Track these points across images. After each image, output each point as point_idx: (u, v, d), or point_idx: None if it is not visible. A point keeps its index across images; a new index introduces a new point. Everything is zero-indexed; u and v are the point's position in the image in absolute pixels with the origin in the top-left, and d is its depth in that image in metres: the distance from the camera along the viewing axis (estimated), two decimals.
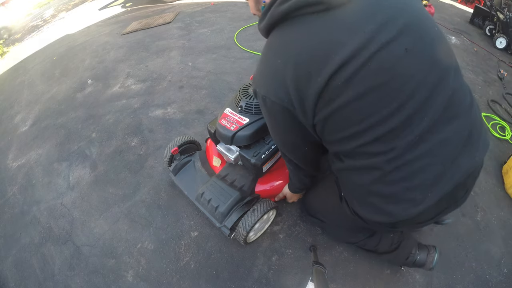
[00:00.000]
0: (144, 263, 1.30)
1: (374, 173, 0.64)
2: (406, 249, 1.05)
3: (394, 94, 0.56)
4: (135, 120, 2.11)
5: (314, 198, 1.15)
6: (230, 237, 1.16)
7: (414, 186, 0.62)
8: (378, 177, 0.64)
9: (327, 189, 1.05)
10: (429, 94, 0.57)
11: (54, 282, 1.30)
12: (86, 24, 4.57)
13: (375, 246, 1.07)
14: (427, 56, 0.57)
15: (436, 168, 0.61)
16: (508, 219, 1.37)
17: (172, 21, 3.78)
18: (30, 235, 1.52)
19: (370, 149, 0.62)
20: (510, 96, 2.13)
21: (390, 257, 1.09)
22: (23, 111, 2.58)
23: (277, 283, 1.18)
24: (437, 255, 1.05)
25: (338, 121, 0.61)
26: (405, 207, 0.65)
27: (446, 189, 0.63)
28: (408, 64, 0.55)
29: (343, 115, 0.59)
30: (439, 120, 0.59)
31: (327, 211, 1.07)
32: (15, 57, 4.10)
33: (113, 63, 3.00)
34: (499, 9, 2.74)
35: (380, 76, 0.54)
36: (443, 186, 0.62)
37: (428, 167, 0.61)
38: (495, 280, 1.17)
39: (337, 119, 0.61)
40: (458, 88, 0.62)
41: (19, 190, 1.79)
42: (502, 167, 1.58)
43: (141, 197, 1.57)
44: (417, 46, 0.56)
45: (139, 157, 1.80)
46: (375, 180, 0.65)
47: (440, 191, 0.63)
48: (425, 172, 0.61)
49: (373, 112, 0.57)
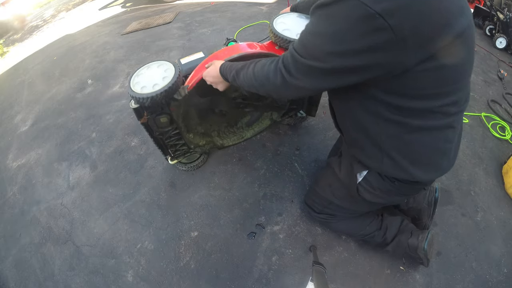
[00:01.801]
0: (144, 263, 1.30)
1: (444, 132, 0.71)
2: (406, 230, 1.13)
3: (469, 70, 0.68)
4: (135, 120, 2.06)
5: (325, 188, 1.12)
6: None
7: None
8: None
9: (334, 175, 1.05)
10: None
11: (54, 282, 1.30)
12: (86, 24, 4.57)
13: (383, 236, 1.12)
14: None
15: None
16: (508, 219, 1.37)
17: (172, 21, 3.77)
18: (30, 235, 1.52)
19: (448, 110, 0.67)
20: (510, 96, 2.13)
21: (394, 246, 1.12)
22: (23, 111, 2.58)
23: (277, 283, 1.18)
24: (430, 236, 1.09)
25: (439, 76, 0.61)
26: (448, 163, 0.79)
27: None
28: (473, 50, 0.67)
29: (445, 72, 0.61)
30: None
31: (337, 196, 1.08)
32: (15, 57, 4.10)
33: (113, 63, 3.00)
34: (499, 9, 2.74)
35: (471, 50, 0.65)
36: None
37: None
38: (495, 280, 1.17)
39: (440, 74, 0.60)
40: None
41: (19, 190, 1.79)
42: (502, 167, 1.58)
43: (141, 197, 1.57)
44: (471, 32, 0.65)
45: (139, 157, 1.80)
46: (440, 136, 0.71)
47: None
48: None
49: (461, 78, 0.66)
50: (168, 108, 1.17)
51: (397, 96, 0.64)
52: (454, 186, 1.50)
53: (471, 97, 2.08)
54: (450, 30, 0.55)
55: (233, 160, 1.68)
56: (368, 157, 0.83)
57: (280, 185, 1.53)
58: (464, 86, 0.68)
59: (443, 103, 0.65)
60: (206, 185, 1.57)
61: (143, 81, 1.10)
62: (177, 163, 1.58)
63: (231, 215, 1.43)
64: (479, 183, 1.51)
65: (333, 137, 1.73)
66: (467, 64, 0.66)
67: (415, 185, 0.84)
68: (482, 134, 1.80)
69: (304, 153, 1.68)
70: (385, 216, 1.18)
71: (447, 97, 0.65)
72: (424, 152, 0.73)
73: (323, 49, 0.59)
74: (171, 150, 1.43)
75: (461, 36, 0.58)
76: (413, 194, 1.01)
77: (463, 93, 0.68)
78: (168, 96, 1.07)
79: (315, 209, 1.20)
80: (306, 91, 0.72)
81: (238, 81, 0.84)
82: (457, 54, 0.60)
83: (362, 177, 0.90)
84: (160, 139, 1.32)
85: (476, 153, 1.68)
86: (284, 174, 1.58)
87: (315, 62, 0.61)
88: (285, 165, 1.63)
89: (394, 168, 0.77)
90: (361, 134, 0.78)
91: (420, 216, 1.21)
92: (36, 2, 7.24)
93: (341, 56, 0.58)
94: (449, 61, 0.59)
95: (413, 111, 0.65)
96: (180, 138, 1.38)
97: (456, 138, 0.77)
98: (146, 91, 1.05)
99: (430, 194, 1.19)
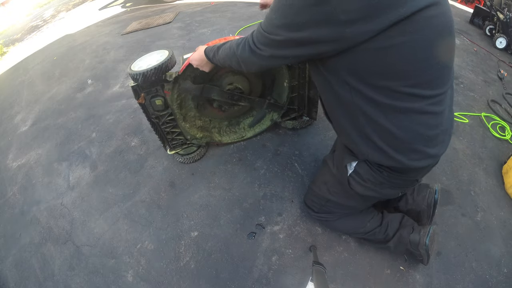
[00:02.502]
0: (144, 263, 1.30)
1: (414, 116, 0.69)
2: (408, 225, 1.13)
3: (449, 54, 0.66)
4: (135, 120, 2.11)
5: (321, 186, 1.14)
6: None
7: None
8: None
9: (329, 172, 1.06)
10: (453, 50, 0.70)
11: (54, 282, 1.30)
12: (86, 24, 4.57)
13: (385, 233, 1.12)
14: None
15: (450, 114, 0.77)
16: (508, 219, 1.37)
17: (172, 21, 3.78)
18: (30, 235, 1.52)
19: (417, 92, 0.66)
20: (510, 96, 2.13)
21: (396, 242, 1.12)
22: (23, 111, 2.58)
23: (277, 283, 1.18)
24: (432, 231, 1.08)
25: (396, 57, 0.61)
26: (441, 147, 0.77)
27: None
28: (453, 32, 0.66)
29: (406, 52, 0.60)
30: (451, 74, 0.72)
31: (333, 193, 1.08)
32: (15, 57, 4.10)
33: (113, 63, 3.00)
34: (499, 9, 2.74)
35: (445, 31, 0.63)
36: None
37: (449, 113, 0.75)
38: (495, 280, 1.17)
39: (397, 54, 0.60)
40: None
41: (19, 190, 1.79)
42: (502, 167, 1.58)
43: (141, 197, 1.57)
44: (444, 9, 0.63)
45: (139, 157, 1.80)
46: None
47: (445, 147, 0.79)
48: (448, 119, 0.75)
49: (434, 62, 0.63)
50: (162, 91, 1.31)
51: (360, 76, 0.67)
52: (454, 186, 1.50)
53: (471, 97, 2.08)
54: (400, 7, 0.54)
55: (233, 160, 1.69)
56: (354, 144, 0.84)
57: (280, 185, 1.53)
58: (430, 67, 0.64)
59: (407, 83, 0.64)
60: (206, 185, 1.57)
61: (141, 64, 1.26)
62: (175, 154, 1.64)
63: (231, 215, 1.43)
64: (479, 183, 1.51)
65: (333, 137, 1.73)
66: (433, 44, 0.62)
67: (405, 175, 0.84)
68: (482, 134, 1.80)
69: (304, 153, 1.68)
70: (386, 214, 1.18)
71: (409, 78, 0.64)
72: (404, 137, 0.72)
73: (274, 23, 0.66)
74: (168, 137, 1.52)
75: (419, 14, 0.56)
76: (407, 187, 0.96)
77: (432, 75, 0.65)
78: (158, 73, 1.21)
79: (314, 208, 1.20)
80: (269, 61, 0.77)
81: (217, 56, 0.94)
82: (417, 32, 0.58)
83: (352, 169, 0.91)
84: (156, 124, 1.42)
85: (476, 153, 1.68)
86: (284, 174, 1.58)
87: (271, 35, 0.68)
88: (285, 165, 1.63)
89: (379, 155, 0.78)
90: (344, 120, 0.81)
91: (419, 218, 1.21)
92: (36, 2, 7.25)
93: (288, 29, 0.64)
94: (403, 39, 0.58)
95: (379, 91, 0.67)
96: (175, 125, 1.49)
97: (443, 125, 0.74)
98: (140, 69, 1.21)
99: (429, 195, 1.19)
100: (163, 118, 1.41)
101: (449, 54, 0.68)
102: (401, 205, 1.24)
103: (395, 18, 0.55)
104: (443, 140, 0.78)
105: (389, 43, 0.58)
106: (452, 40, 0.67)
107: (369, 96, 0.68)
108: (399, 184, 0.88)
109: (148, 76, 1.19)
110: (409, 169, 0.80)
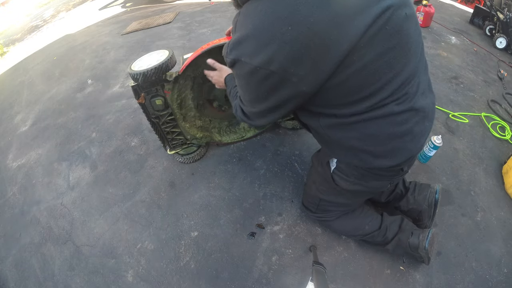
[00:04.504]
0: (144, 263, 1.30)
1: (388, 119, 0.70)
2: (407, 229, 1.13)
3: (404, 52, 0.65)
4: (135, 120, 2.10)
5: (311, 186, 1.14)
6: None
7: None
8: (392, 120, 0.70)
9: (316, 171, 1.07)
10: (422, 52, 0.72)
11: (54, 282, 1.30)
12: (86, 24, 4.57)
13: (384, 236, 1.12)
14: (416, 22, 0.68)
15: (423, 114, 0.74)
16: (508, 219, 1.37)
17: (172, 21, 3.77)
18: (30, 235, 1.52)
19: (386, 103, 0.67)
20: (510, 96, 2.13)
21: (394, 245, 1.12)
22: (23, 111, 2.58)
23: (277, 283, 1.18)
24: (431, 234, 1.08)
25: (353, 84, 0.63)
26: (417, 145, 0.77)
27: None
28: (408, 26, 0.64)
29: (361, 77, 0.62)
30: (424, 72, 0.75)
31: (322, 192, 1.09)
32: (15, 57, 4.10)
33: (113, 63, 3.00)
34: (499, 9, 2.74)
35: (394, 37, 0.62)
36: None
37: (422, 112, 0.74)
38: (495, 280, 1.17)
39: (353, 82, 0.62)
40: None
41: (19, 190, 1.79)
42: (502, 167, 1.58)
43: (141, 197, 1.57)
44: (409, 13, 0.65)
45: (139, 157, 1.80)
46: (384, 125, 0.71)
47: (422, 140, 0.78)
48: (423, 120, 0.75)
49: (389, 70, 0.64)
50: (162, 91, 1.30)
51: (328, 107, 0.71)
52: (454, 186, 1.50)
53: (471, 97, 2.08)
54: (340, 45, 0.57)
55: (233, 160, 1.69)
56: (335, 155, 0.88)
57: (280, 185, 1.53)
58: (392, 78, 0.64)
59: (371, 103, 0.66)
60: (206, 185, 1.57)
61: (141, 64, 1.26)
62: (175, 154, 1.64)
63: (231, 215, 1.43)
64: (479, 183, 1.51)
65: None
66: (385, 56, 0.62)
67: (389, 168, 0.82)
68: (482, 134, 1.80)
69: (304, 153, 1.68)
70: (385, 216, 1.17)
71: (373, 97, 0.66)
72: (377, 142, 0.73)
73: (245, 99, 0.76)
74: (168, 137, 1.51)
75: (359, 42, 0.57)
76: (393, 178, 0.93)
77: (397, 83, 0.66)
78: (158, 73, 1.21)
79: (311, 209, 1.21)
80: (266, 122, 0.80)
81: (230, 95, 1.01)
82: (364, 56, 0.60)
83: (334, 166, 0.93)
84: (156, 124, 1.42)
85: (476, 153, 1.68)
86: (284, 174, 1.58)
87: (249, 107, 0.77)
88: (285, 165, 1.63)
89: (359, 161, 0.79)
90: (321, 142, 0.90)
91: (420, 217, 1.21)
92: (36, 2, 7.24)
93: (257, 102, 0.72)
94: (356, 67, 0.60)
95: (343, 111, 0.70)
96: (175, 125, 1.47)
97: (415, 118, 0.72)
98: (140, 69, 1.21)
99: (430, 195, 1.19)
100: (163, 118, 1.41)
101: (406, 52, 0.66)
102: (402, 204, 1.24)
103: (340, 56, 0.58)
104: (422, 129, 0.76)
105: (345, 76, 0.61)
106: (404, 36, 0.64)
107: (332, 115, 0.72)
108: (383, 176, 0.86)
109: (148, 76, 1.19)
110: (390, 165, 0.80)
